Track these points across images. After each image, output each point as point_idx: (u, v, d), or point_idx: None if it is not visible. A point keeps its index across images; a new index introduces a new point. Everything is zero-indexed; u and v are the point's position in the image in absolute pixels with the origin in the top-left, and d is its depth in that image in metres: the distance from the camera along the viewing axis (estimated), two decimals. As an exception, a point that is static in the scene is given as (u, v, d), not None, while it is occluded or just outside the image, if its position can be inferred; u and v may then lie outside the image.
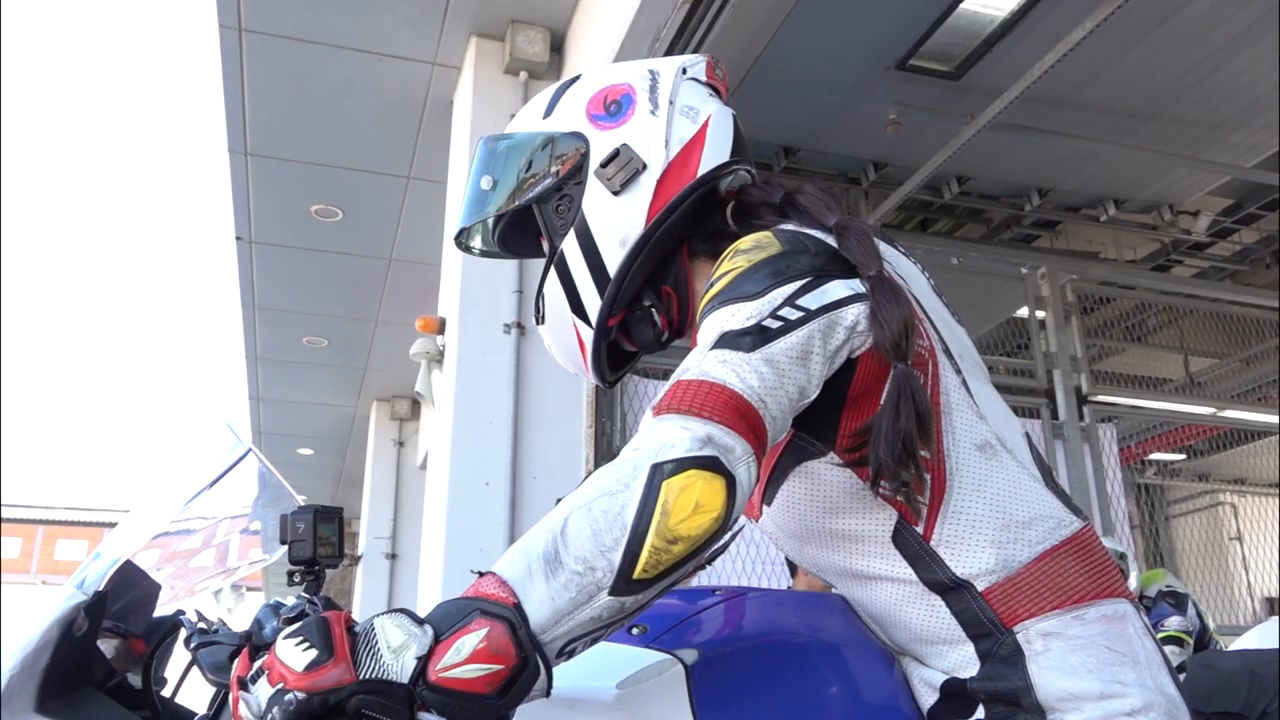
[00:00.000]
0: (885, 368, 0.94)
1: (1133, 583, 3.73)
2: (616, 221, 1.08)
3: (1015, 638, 0.92)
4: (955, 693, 0.96)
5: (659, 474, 0.79)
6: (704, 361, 0.88)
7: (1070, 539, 0.96)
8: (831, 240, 0.98)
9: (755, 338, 0.88)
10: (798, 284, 0.92)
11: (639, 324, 1.14)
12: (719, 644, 0.98)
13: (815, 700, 0.96)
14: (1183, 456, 7.10)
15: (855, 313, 0.93)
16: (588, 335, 1.11)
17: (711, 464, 0.80)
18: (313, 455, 10.53)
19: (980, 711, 0.94)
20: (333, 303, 6.70)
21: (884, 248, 1.03)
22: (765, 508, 1.06)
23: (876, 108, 4.54)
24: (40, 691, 0.90)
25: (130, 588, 1.08)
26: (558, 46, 4.18)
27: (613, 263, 1.08)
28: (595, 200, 1.08)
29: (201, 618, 1.05)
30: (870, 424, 0.93)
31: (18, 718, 0.88)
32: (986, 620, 0.94)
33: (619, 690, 0.89)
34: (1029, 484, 0.98)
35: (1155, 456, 7.04)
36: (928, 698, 0.99)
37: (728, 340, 0.89)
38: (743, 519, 1.06)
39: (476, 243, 1.29)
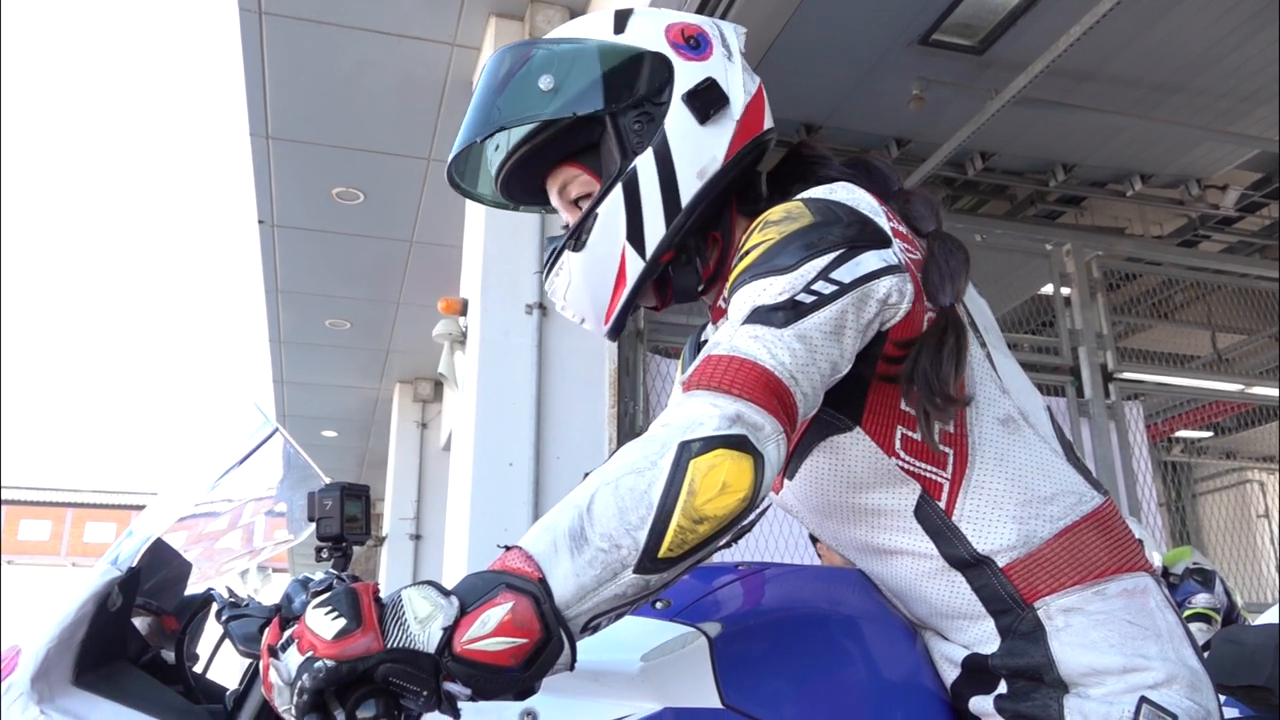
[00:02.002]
0: (914, 340, 0.94)
1: (1156, 561, 3.70)
2: (699, 150, 1.04)
3: (1036, 613, 0.93)
4: (977, 668, 0.96)
5: (686, 452, 0.79)
6: (735, 337, 0.87)
7: (1091, 514, 0.96)
8: (866, 209, 0.96)
9: (788, 313, 0.87)
10: (831, 256, 0.90)
11: (685, 268, 1.10)
12: (741, 617, 0.98)
13: (838, 672, 0.96)
14: (1210, 434, 7.03)
15: (888, 285, 0.91)
16: (634, 267, 1.06)
17: (740, 443, 0.80)
18: (337, 437, 10.60)
19: (1002, 686, 0.94)
20: (355, 285, 6.72)
21: None
22: (787, 482, 1.06)
23: (899, 84, 4.50)
24: (77, 665, 0.91)
25: (162, 566, 1.10)
26: (577, 26, 4.16)
27: (687, 191, 1.04)
28: (680, 125, 1.04)
29: (232, 594, 1.07)
30: (916, 339, 0.94)
31: (55, 690, 0.89)
32: (1007, 596, 0.94)
33: (643, 663, 0.89)
34: (1051, 459, 0.98)
35: (1182, 434, 6.98)
36: (949, 672, 1.00)
37: (760, 315, 0.88)
38: (768, 496, 1.06)
39: (473, 177, 1.22)
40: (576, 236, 1.08)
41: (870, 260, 0.91)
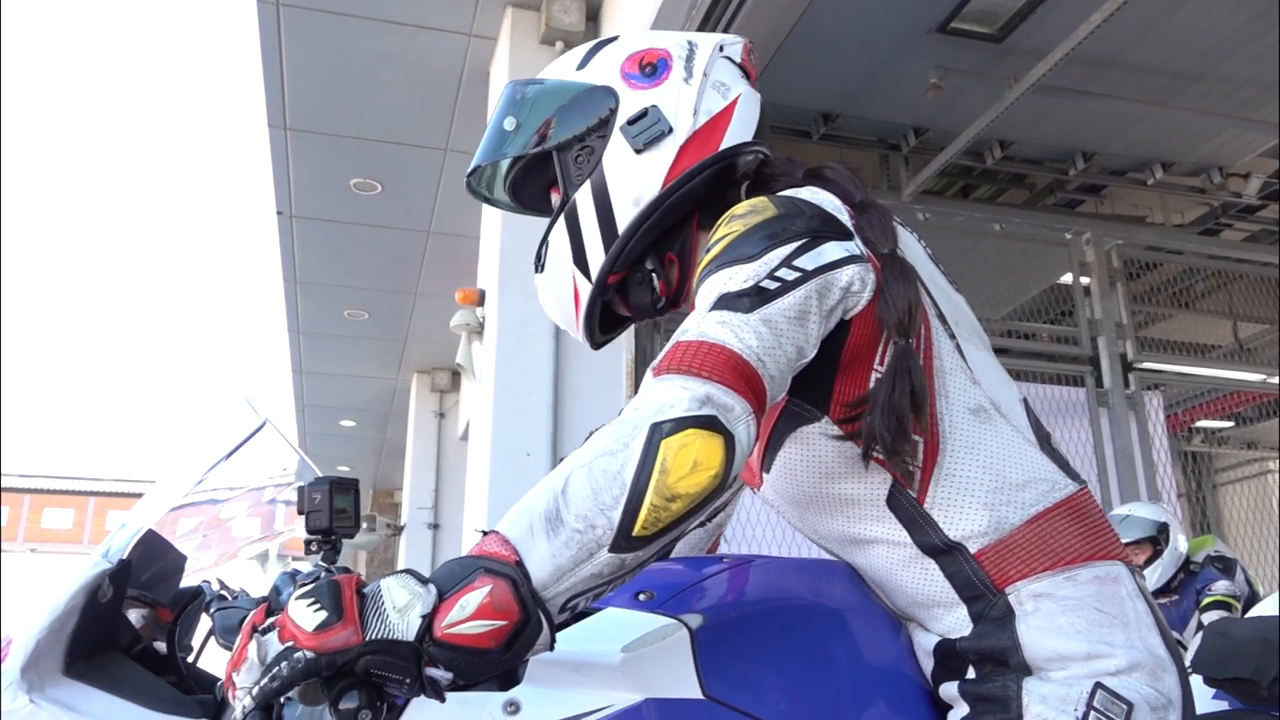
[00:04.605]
0: (877, 332, 0.96)
1: (1182, 546, 3.68)
2: (634, 179, 1.08)
3: (1007, 599, 0.94)
4: (947, 653, 0.98)
5: (658, 433, 0.81)
6: (703, 323, 0.89)
7: (1064, 501, 0.97)
8: (829, 206, 0.99)
9: (753, 299, 0.90)
10: (794, 245, 0.93)
11: (638, 287, 1.15)
12: (724, 609, 0.99)
13: (820, 662, 0.97)
14: (1231, 424, 6.97)
15: (850, 274, 0.94)
16: (585, 290, 1.12)
17: (710, 423, 0.82)
18: (355, 427, 10.66)
19: (971, 672, 0.96)
20: (373, 276, 6.75)
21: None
22: (765, 475, 1.08)
23: (917, 72, 4.47)
24: (68, 654, 0.92)
25: (157, 559, 1.11)
26: (593, 15, 4.16)
27: (624, 219, 1.08)
28: (616, 155, 1.09)
29: (224, 586, 1.08)
30: (867, 395, 0.96)
31: (45, 679, 0.90)
32: (979, 582, 0.95)
33: (624, 654, 0.90)
34: (1023, 447, 0.99)
35: (1203, 424, 6.92)
36: (927, 663, 1.01)
37: (726, 301, 0.90)
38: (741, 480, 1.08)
39: (489, 189, 1.28)
40: (538, 259, 1.17)
41: (833, 250, 0.94)
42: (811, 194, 1.01)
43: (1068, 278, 4.91)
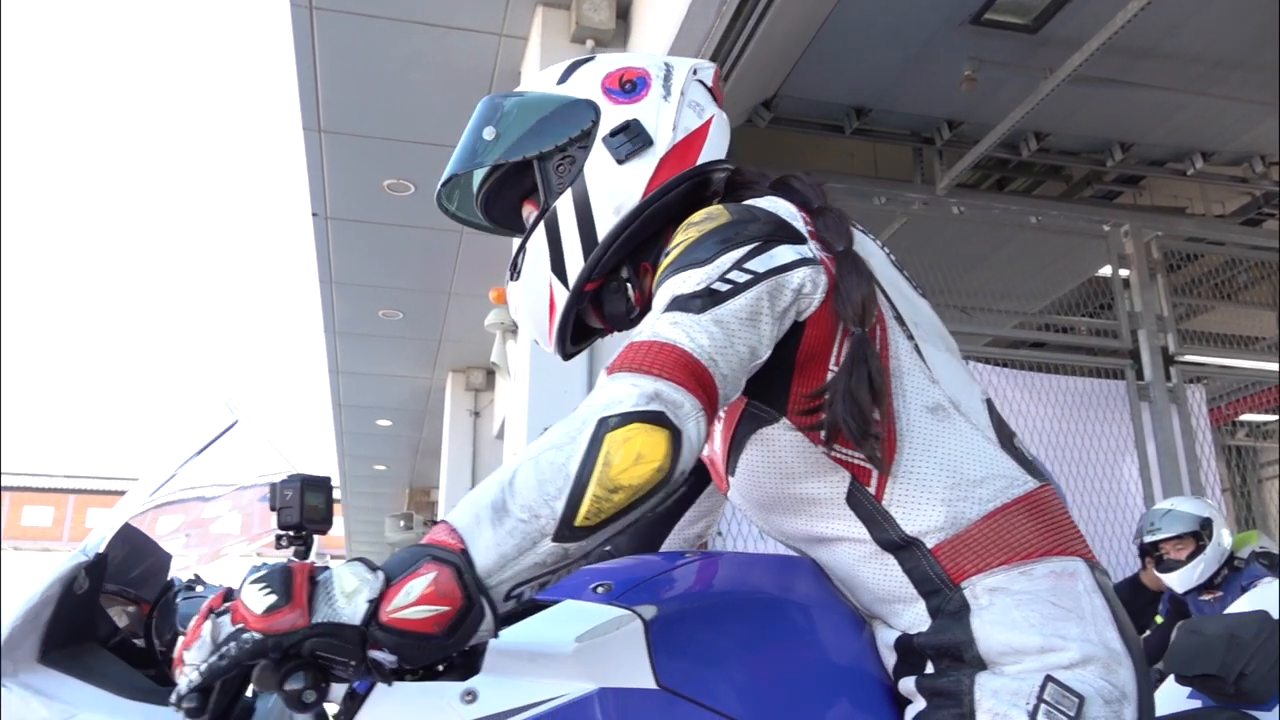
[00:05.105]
0: (831, 332, 0.99)
1: (1226, 541, 3.62)
2: (616, 188, 1.11)
3: (963, 593, 0.96)
4: (906, 649, 0.99)
5: (604, 427, 0.84)
6: (656, 324, 0.93)
7: (1023, 498, 0.99)
8: (783, 213, 1.02)
9: (705, 300, 0.93)
10: (745, 249, 0.96)
11: (613, 296, 1.17)
12: (681, 601, 1.01)
13: (777, 656, 0.99)
14: (1276, 418, 6.86)
15: (801, 276, 0.97)
16: (561, 297, 1.14)
17: (656, 418, 0.85)
18: (391, 426, 10.73)
19: (929, 666, 0.97)
20: (407, 276, 6.79)
21: (853, 230, 1.09)
22: (730, 479, 1.10)
23: (950, 64, 4.43)
24: (43, 643, 0.95)
25: (144, 557, 1.14)
26: (623, 13, 4.15)
27: (604, 227, 1.11)
28: (598, 165, 1.12)
29: (200, 581, 1.10)
30: (826, 386, 0.98)
31: (20, 666, 0.93)
32: (935, 576, 0.97)
33: (578, 643, 0.92)
34: (982, 445, 1.01)
35: (1247, 418, 6.81)
36: (889, 659, 1.02)
37: (679, 303, 0.94)
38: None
39: (458, 203, 1.30)
40: (514, 267, 1.19)
41: (784, 253, 0.97)
42: (769, 203, 1.04)
43: (1106, 270, 4.86)
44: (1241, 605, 1.25)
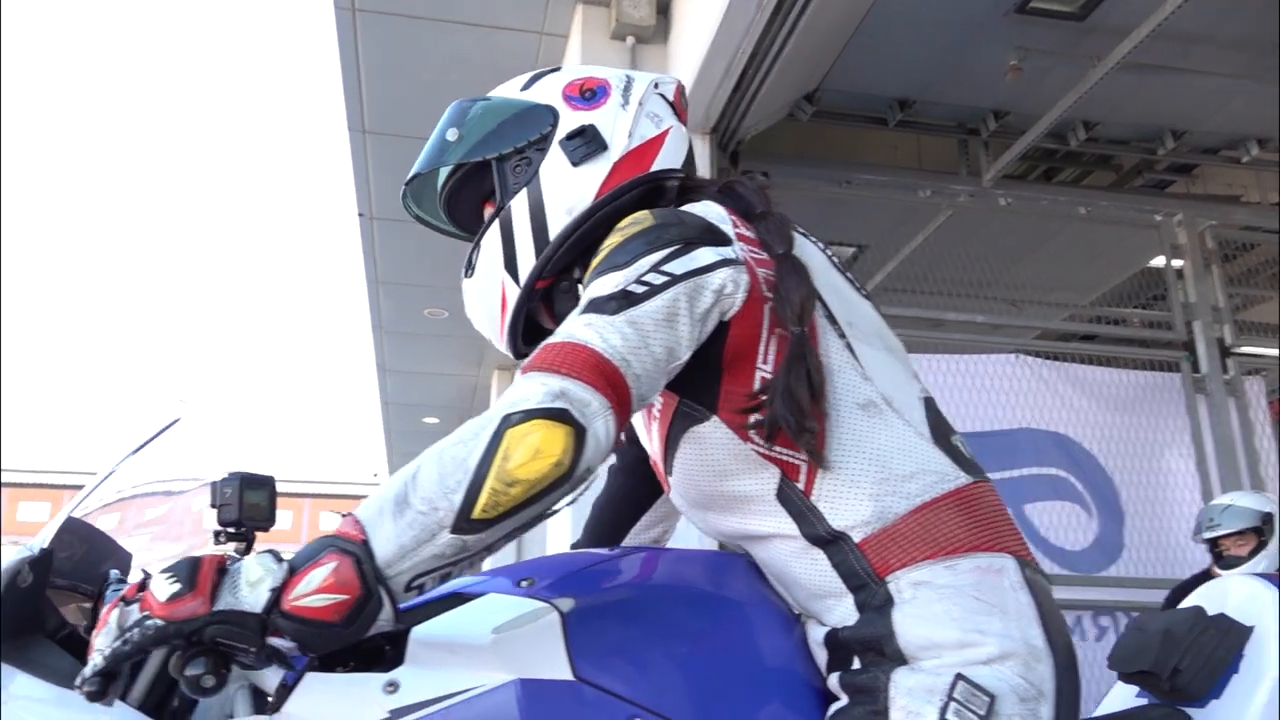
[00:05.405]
0: (757, 331, 1.01)
1: None
2: (569, 190, 1.14)
3: (887, 587, 0.96)
4: (834, 644, 1.00)
5: (506, 423, 0.87)
6: (571, 326, 0.96)
7: (953, 493, 1.00)
8: (712, 217, 1.05)
9: (619, 301, 0.95)
10: (665, 251, 0.98)
11: (563, 295, 1.19)
12: (603, 595, 1.03)
13: (700, 650, 0.99)
14: (1337, 409, 6.69)
15: (722, 277, 0.99)
16: (513, 294, 1.17)
17: (559, 415, 0.87)
18: (438, 424, 10.83)
19: (856, 662, 0.98)
20: (452, 275, 6.72)
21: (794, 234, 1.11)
22: (670, 479, 1.12)
23: (995, 54, 4.37)
24: None
25: (105, 554, 1.16)
26: (663, 9, 4.15)
27: (555, 226, 1.14)
28: (553, 167, 1.15)
29: (146, 573, 1.13)
30: (767, 386, 0.99)
31: None
32: (862, 571, 0.97)
33: (495, 635, 0.94)
34: (914, 441, 1.02)
35: (1307, 410, 6.65)
36: (821, 656, 1.02)
37: (595, 305, 0.96)
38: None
39: (424, 204, 1.35)
40: (468, 264, 1.22)
41: (705, 255, 0.99)
42: (701, 207, 1.07)
43: (1159, 261, 4.76)
44: (1189, 603, 1.23)
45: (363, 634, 0.83)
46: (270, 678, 0.92)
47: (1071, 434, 4.23)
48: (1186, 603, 1.24)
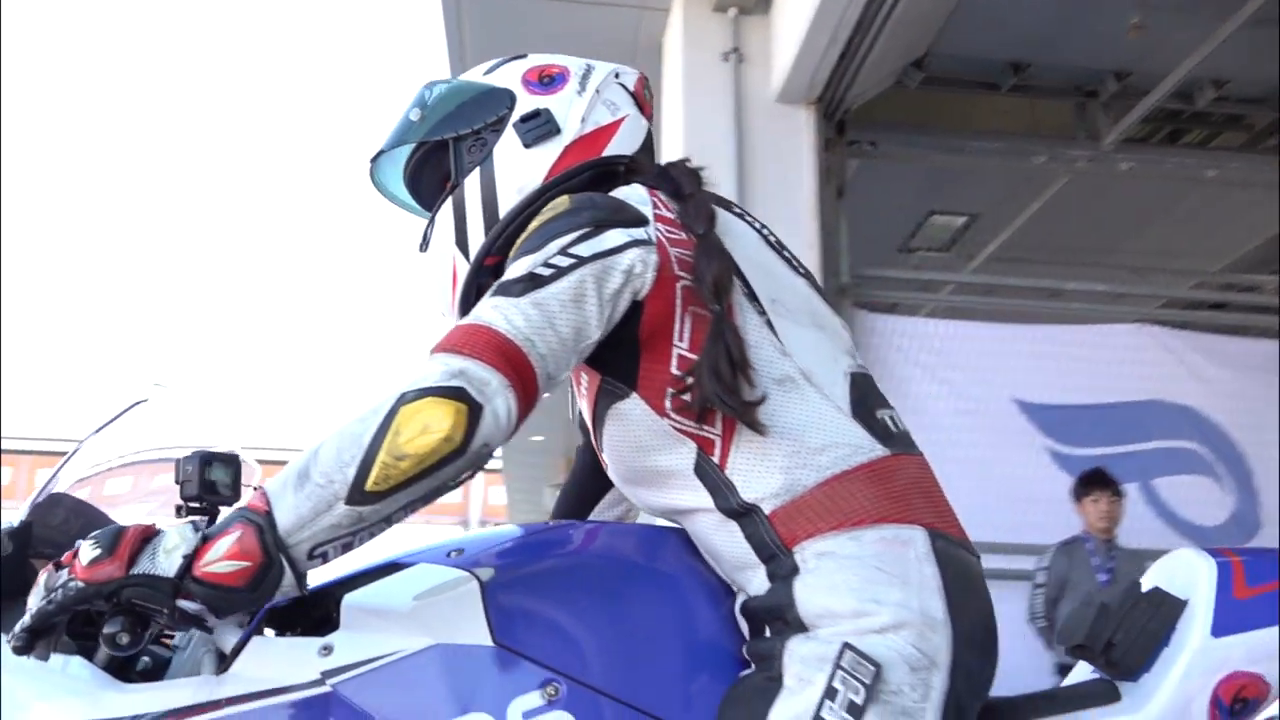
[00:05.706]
0: (670, 308, 1.03)
1: None
2: (520, 170, 1.19)
3: (794, 558, 0.98)
4: (748, 614, 1.03)
5: (401, 400, 0.91)
6: (480, 309, 0.99)
7: (865, 465, 1.01)
8: (632, 199, 1.08)
9: (525, 284, 0.98)
10: (574, 234, 1.02)
11: None
12: (528, 565, 1.10)
13: (622, 619, 1.03)
14: None
15: (631, 257, 1.01)
16: (463, 269, 1.21)
17: (454, 392, 0.91)
18: (546, 398, 10.96)
19: (767, 631, 1.00)
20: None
21: (722, 214, 1.14)
22: (603, 456, 1.15)
23: (1116, 12, 4.18)
24: None
25: (94, 526, 1.22)
26: (767, -22, 4.09)
27: (505, 205, 1.18)
28: (507, 148, 1.20)
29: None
30: (691, 366, 1.02)
31: None
32: (771, 542, 0.99)
33: (415, 602, 1.01)
34: (830, 414, 1.04)
35: None
36: (744, 626, 1.05)
37: (502, 289, 0.99)
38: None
39: (389, 182, 1.38)
40: (423, 239, 1.27)
41: (614, 236, 1.02)
42: (624, 190, 1.11)
43: (1294, 225, 4.53)
44: (1146, 580, 1.18)
45: (267, 599, 0.91)
46: (229, 639, 0.99)
47: (1199, 406, 4.07)
48: (1145, 581, 1.20)
